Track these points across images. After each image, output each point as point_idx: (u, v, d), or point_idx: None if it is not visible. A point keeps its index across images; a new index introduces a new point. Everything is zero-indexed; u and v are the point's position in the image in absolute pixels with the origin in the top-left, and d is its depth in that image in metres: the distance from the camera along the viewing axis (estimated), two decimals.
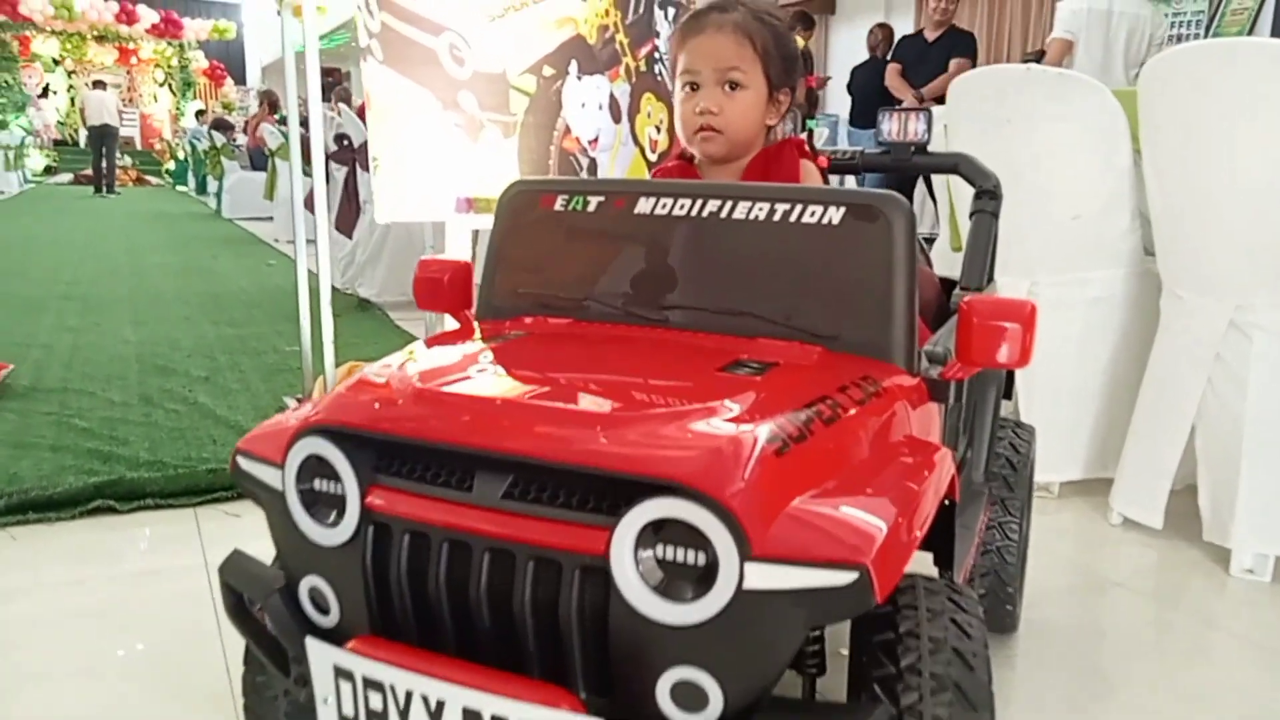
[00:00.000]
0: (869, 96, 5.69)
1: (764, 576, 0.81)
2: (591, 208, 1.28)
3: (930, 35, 5.44)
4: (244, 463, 1.05)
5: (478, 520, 0.89)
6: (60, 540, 2.16)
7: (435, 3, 2.34)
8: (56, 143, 20.14)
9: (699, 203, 1.23)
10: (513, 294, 1.33)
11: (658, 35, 2.65)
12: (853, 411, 1.00)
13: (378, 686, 0.91)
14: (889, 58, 5.75)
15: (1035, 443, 1.80)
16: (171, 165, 18.87)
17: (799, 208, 1.18)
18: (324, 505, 0.97)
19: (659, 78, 2.69)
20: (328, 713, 0.94)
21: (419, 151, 2.31)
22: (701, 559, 0.82)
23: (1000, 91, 2.54)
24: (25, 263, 6.57)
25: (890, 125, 1.79)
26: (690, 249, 1.25)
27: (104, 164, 14.45)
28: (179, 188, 17.49)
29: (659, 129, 2.67)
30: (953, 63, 5.09)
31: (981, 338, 1.13)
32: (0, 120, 17.24)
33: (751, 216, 1.20)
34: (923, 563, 1.05)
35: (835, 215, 1.17)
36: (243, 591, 1.06)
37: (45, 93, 20.24)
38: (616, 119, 2.57)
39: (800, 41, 5.85)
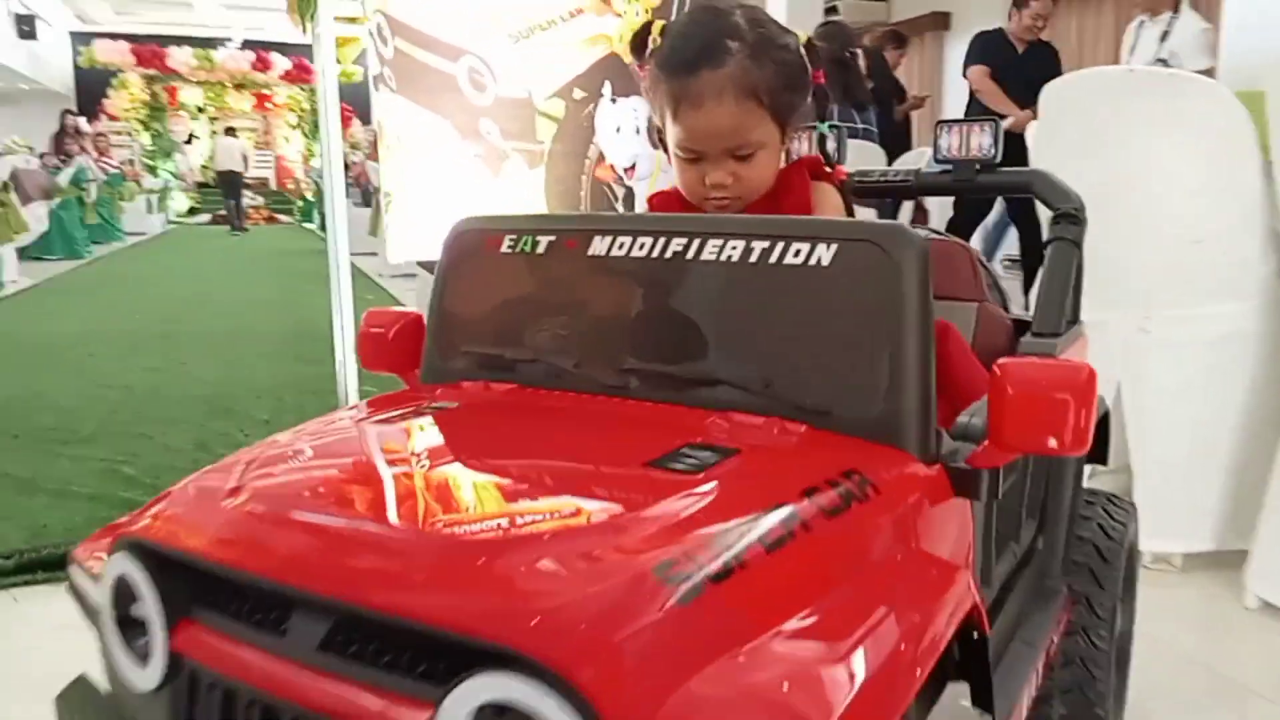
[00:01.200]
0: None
1: None
2: (541, 249, 1.05)
3: (1020, 46, 4.99)
4: (75, 575, 0.86)
5: (289, 677, 0.67)
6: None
7: (454, 25, 2.16)
8: (200, 185, 21.22)
9: (662, 241, 0.98)
10: (457, 353, 1.10)
11: None
12: (820, 526, 0.73)
13: None
14: (969, 59, 5.28)
15: (1134, 523, 1.47)
16: (300, 203, 19.64)
17: (780, 245, 0.92)
18: (138, 639, 0.77)
19: None
20: None
21: (435, 186, 2.13)
22: None
23: (1099, 97, 2.20)
24: (139, 300, 6.79)
25: (950, 140, 1.51)
26: (653, 298, 1.01)
27: (235, 204, 15.17)
28: (305, 225, 18.16)
29: None
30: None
31: (1019, 414, 0.85)
32: (151, 166, 18.34)
33: (724, 257, 0.95)
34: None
35: (825, 255, 0.91)
36: None
37: (190, 139, 21.38)
38: (655, 144, 2.34)
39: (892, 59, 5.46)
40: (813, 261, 0.91)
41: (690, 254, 0.96)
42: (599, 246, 1.01)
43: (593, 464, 0.84)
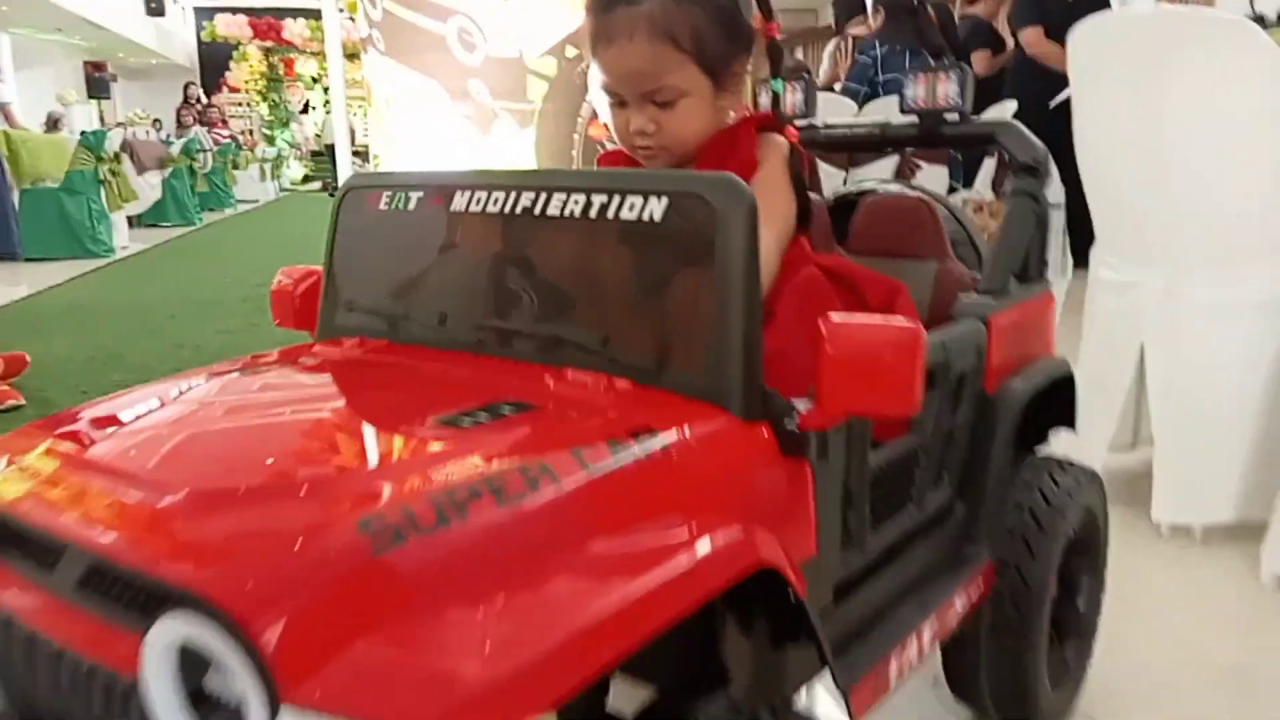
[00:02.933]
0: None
1: None
2: (412, 205, 1.06)
3: None
4: None
5: (53, 614, 0.70)
6: None
7: None
8: (314, 154, 21.91)
9: (513, 196, 0.97)
10: (342, 309, 1.12)
11: None
12: (573, 481, 0.72)
13: None
14: (1019, 19, 5.00)
15: (1092, 491, 1.39)
16: None
17: (617, 200, 0.90)
18: None
19: None
20: None
21: (424, 147, 2.15)
22: (230, 696, 0.59)
23: (1127, 40, 2.05)
24: (234, 264, 7.09)
25: (917, 90, 1.44)
26: (505, 255, 1.00)
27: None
28: None
29: None
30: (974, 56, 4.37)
31: (838, 375, 0.82)
32: (269, 136, 19.05)
33: (567, 213, 0.93)
34: None
35: (658, 209, 0.88)
36: None
37: (305, 109, 22.05)
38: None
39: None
40: (646, 216, 0.89)
41: (538, 209, 0.95)
42: (459, 202, 1.01)
43: (383, 421, 0.84)
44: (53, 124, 10.86)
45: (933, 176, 4.86)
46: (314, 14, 19.99)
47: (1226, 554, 2.00)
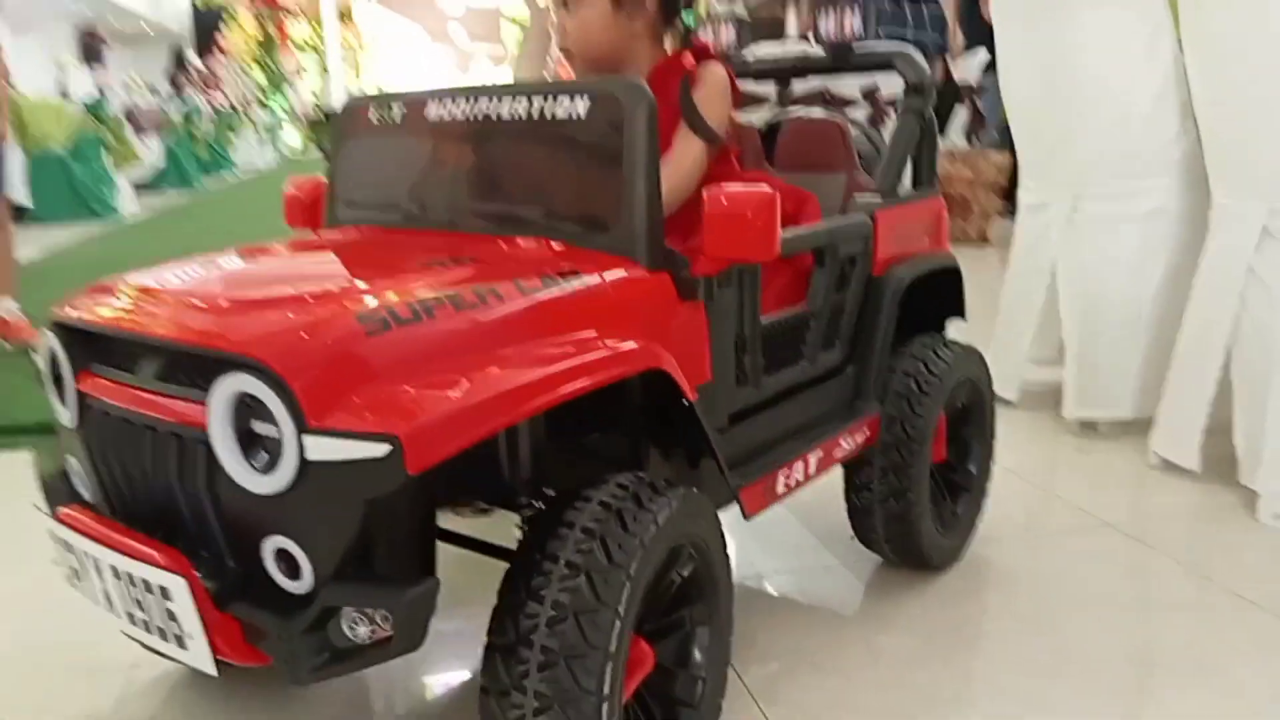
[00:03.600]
0: None
1: (323, 448, 0.83)
2: (397, 117, 1.32)
3: None
4: (31, 355, 1.18)
5: (137, 400, 0.97)
6: None
7: None
8: (312, 123, 21.90)
9: (474, 102, 1.23)
10: (345, 204, 1.38)
11: None
12: (512, 299, 0.98)
13: (68, 548, 1.01)
14: None
15: (973, 367, 1.64)
16: None
17: (551, 101, 1.16)
18: (62, 390, 1.08)
19: None
20: (62, 571, 1.06)
21: (409, 81, 2.40)
22: (275, 431, 0.86)
23: None
24: (234, 226, 7.34)
25: (827, 24, 1.70)
26: (471, 151, 1.27)
27: None
28: None
29: None
30: None
31: (714, 228, 1.08)
32: (263, 100, 19.08)
33: (514, 115, 1.19)
34: None
35: (581, 108, 1.14)
36: (40, 474, 1.19)
37: (299, 72, 22.01)
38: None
39: None
40: (573, 114, 1.15)
41: (493, 114, 1.21)
42: (434, 111, 1.27)
43: (373, 264, 1.11)
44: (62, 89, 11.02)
45: None
46: None
47: (1123, 444, 2.28)
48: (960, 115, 5.64)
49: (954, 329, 1.76)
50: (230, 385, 0.87)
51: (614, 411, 1.13)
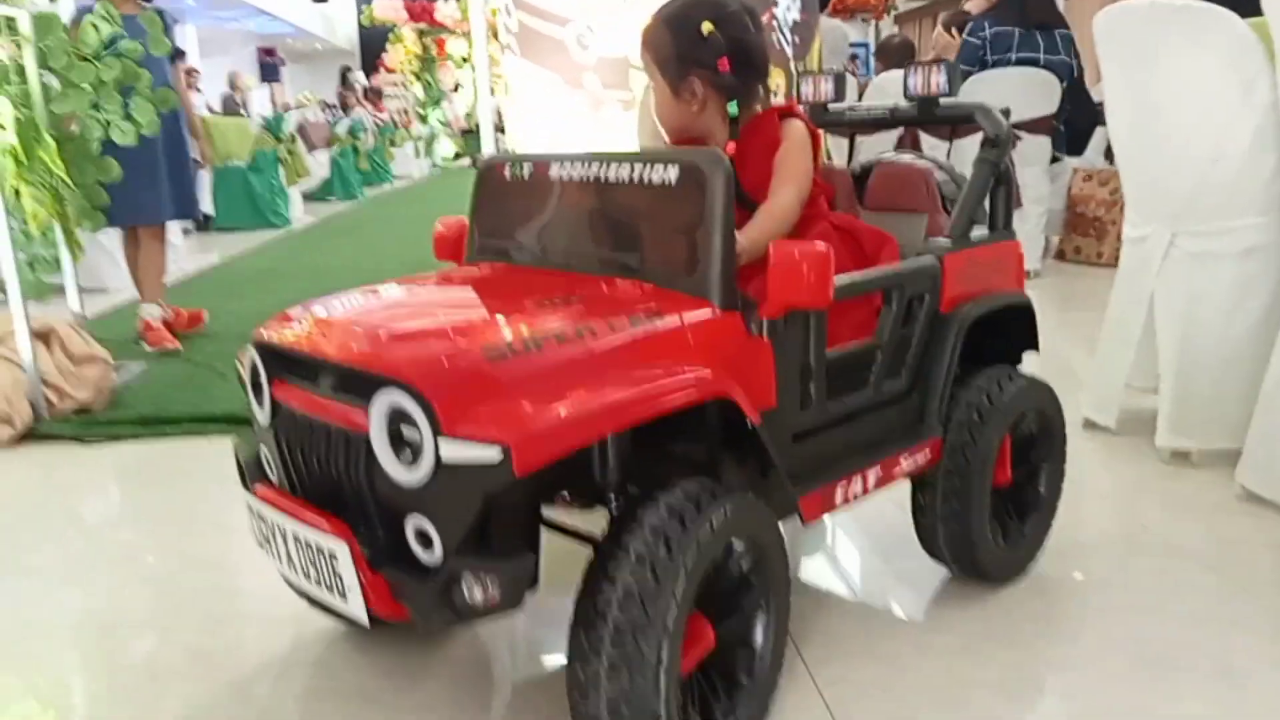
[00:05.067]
0: None
1: (453, 451, 1.09)
2: (525, 174, 1.58)
3: None
4: (237, 365, 1.49)
5: (317, 406, 1.26)
6: None
7: None
8: (464, 132, 22.92)
9: (587, 165, 1.48)
10: (481, 245, 1.65)
11: (775, 4, 2.78)
12: (604, 333, 1.22)
13: (261, 518, 1.31)
14: None
15: (1038, 398, 1.78)
16: None
17: (649, 169, 1.40)
18: (261, 395, 1.38)
19: (777, 45, 2.82)
20: (254, 536, 1.36)
21: (548, 126, 2.70)
22: (417, 436, 1.12)
23: (1129, 27, 2.39)
24: (390, 236, 7.92)
25: (915, 80, 1.85)
26: (584, 206, 1.51)
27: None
28: None
29: (775, 94, 2.81)
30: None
31: (776, 279, 1.29)
32: (422, 115, 20.12)
33: (620, 177, 1.43)
34: None
35: (672, 174, 1.37)
36: (238, 457, 1.50)
37: (456, 88, 23.06)
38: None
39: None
40: (666, 179, 1.38)
41: (603, 176, 1.45)
42: (555, 171, 1.52)
43: (500, 302, 1.37)
44: (229, 106, 12.00)
45: (1035, 146, 5.11)
46: None
47: (1214, 474, 2.34)
48: (1099, 135, 5.59)
49: (1033, 360, 1.90)
50: (385, 399, 1.13)
51: (694, 425, 1.35)
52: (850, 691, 1.51)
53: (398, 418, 1.13)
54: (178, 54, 4.13)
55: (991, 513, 1.73)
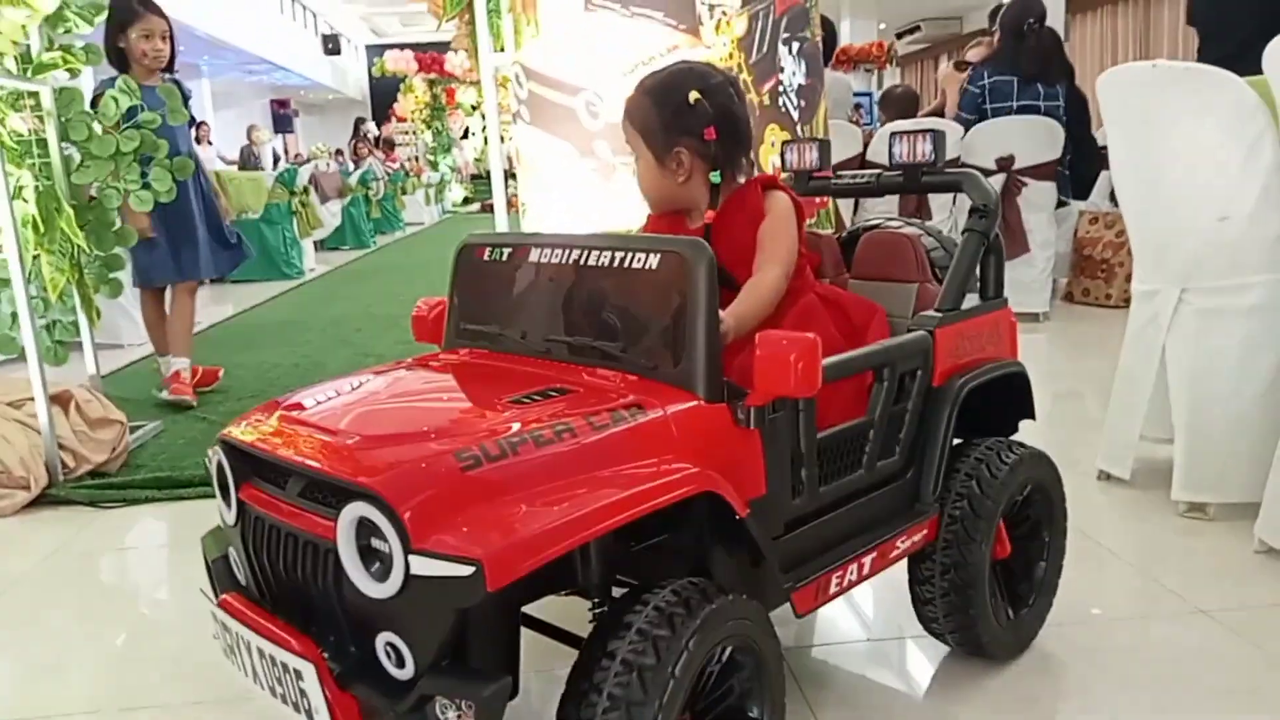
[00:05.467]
0: None
1: (423, 566, 1.04)
2: (504, 257, 1.54)
3: None
4: (206, 464, 1.45)
5: (283, 511, 1.21)
6: None
7: (573, 68, 2.69)
8: (473, 177, 23.13)
9: (567, 252, 1.44)
10: (459, 329, 1.62)
11: (781, 70, 2.77)
12: (585, 434, 1.18)
13: (226, 629, 1.26)
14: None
15: (1036, 467, 1.72)
16: None
17: (630, 255, 1.36)
18: (227, 495, 1.34)
19: (783, 109, 2.80)
20: (219, 645, 1.31)
21: (560, 194, 2.67)
22: (387, 548, 1.07)
23: (1132, 90, 2.36)
24: (402, 284, 7.95)
25: (901, 147, 1.82)
26: (564, 291, 1.47)
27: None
28: None
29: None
30: None
31: (763, 369, 1.25)
32: (432, 161, 20.34)
33: (600, 263, 1.40)
34: None
35: (654, 261, 1.33)
36: (206, 558, 1.46)
37: (465, 134, 23.30)
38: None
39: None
40: (648, 265, 1.34)
41: (583, 260, 1.42)
42: (535, 255, 1.49)
43: (477, 399, 1.33)
44: (246, 159, 12.12)
45: (1041, 191, 5.11)
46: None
47: (1231, 528, 2.28)
48: (1104, 179, 5.56)
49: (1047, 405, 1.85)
50: (354, 510, 1.09)
51: (680, 518, 1.29)
52: None
53: (367, 530, 1.09)
54: (193, 121, 4.27)
55: (991, 589, 1.67)
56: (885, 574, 1.61)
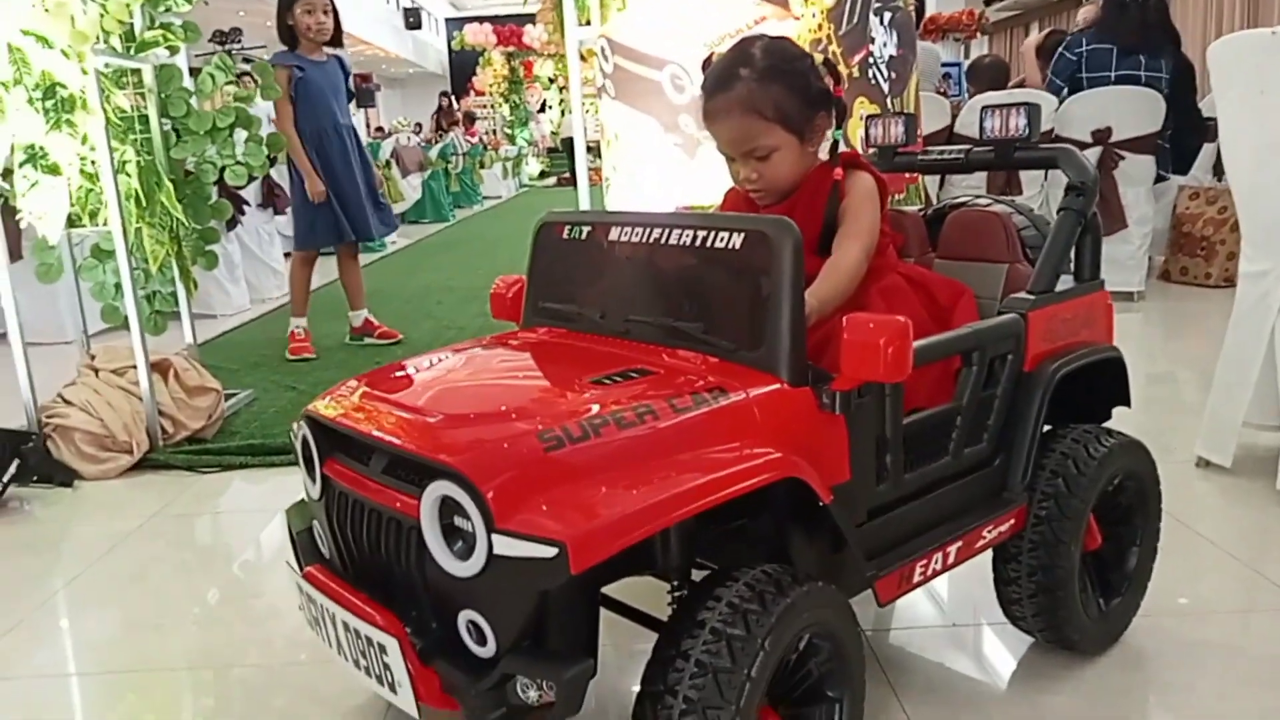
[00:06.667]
0: None
1: (506, 546, 1.04)
2: (583, 236, 1.53)
3: None
4: (291, 438, 1.47)
5: (367, 488, 1.23)
6: None
7: (659, 40, 2.65)
8: (550, 150, 23.18)
9: (648, 230, 1.42)
10: (538, 307, 1.61)
11: (872, 41, 2.69)
12: (667, 416, 1.16)
13: (311, 600, 1.28)
14: None
15: (1134, 459, 1.66)
16: None
17: (713, 234, 1.33)
18: (312, 469, 1.36)
19: (873, 81, 2.72)
20: (304, 615, 1.34)
21: (645, 169, 2.66)
22: (470, 527, 1.08)
23: (1249, 59, 2.23)
24: (481, 257, 8.03)
25: (993, 122, 1.75)
26: (644, 271, 1.45)
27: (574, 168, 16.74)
28: None
29: None
30: None
31: (851, 353, 1.21)
32: (510, 135, 20.45)
33: (682, 242, 1.37)
34: None
35: (737, 240, 1.31)
36: (291, 530, 1.49)
37: (543, 108, 23.35)
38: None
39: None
40: (731, 245, 1.31)
41: (664, 240, 1.39)
42: (614, 234, 1.47)
43: (559, 379, 1.32)
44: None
45: (1139, 165, 4.90)
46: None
47: None
48: (1206, 152, 5.31)
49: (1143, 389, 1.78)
50: (438, 488, 1.09)
51: (761, 503, 1.27)
52: None
53: (450, 508, 1.10)
54: (351, 95, 4.60)
55: (1081, 582, 1.62)
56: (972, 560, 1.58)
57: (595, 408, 1.17)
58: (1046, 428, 1.62)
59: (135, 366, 3.13)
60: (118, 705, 1.78)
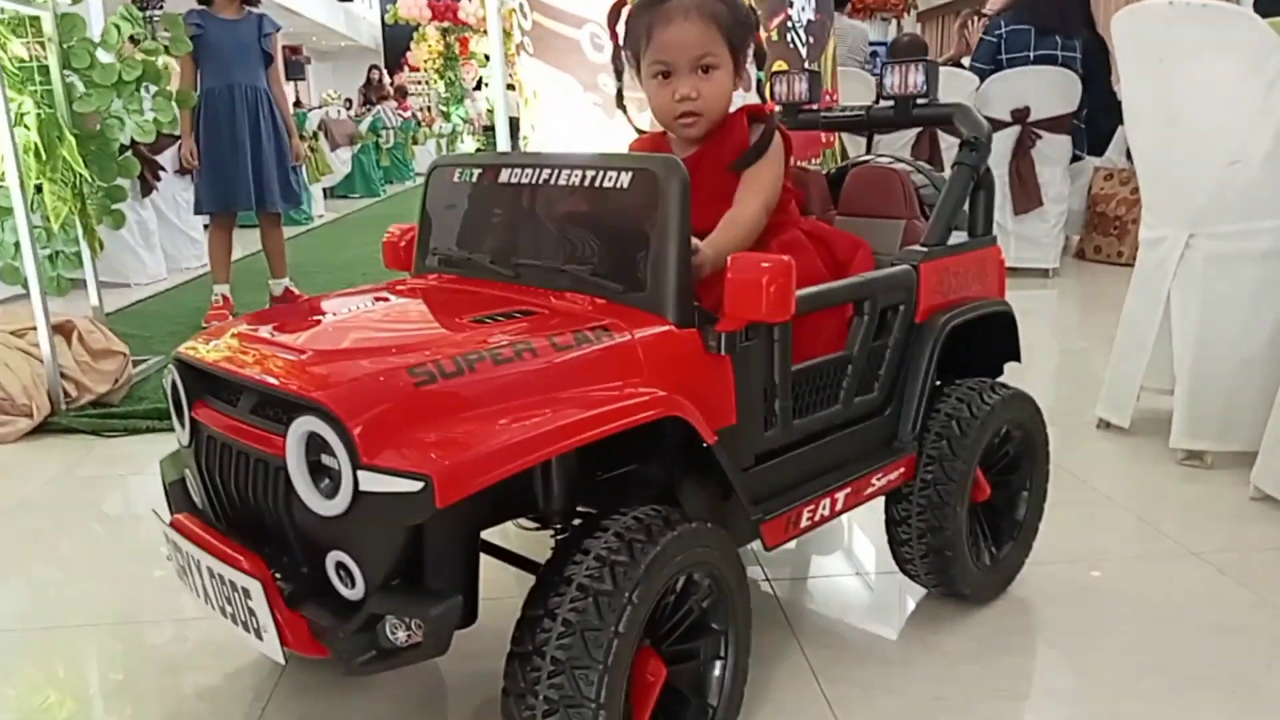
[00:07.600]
0: None
1: (372, 481, 1.01)
2: (473, 178, 1.49)
3: None
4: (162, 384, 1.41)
5: (235, 429, 1.18)
6: None
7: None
8: (485, 129, 22.82)
9: (537, 171, 1.39)
10: (429, 253, 1.57)
11: (790, 5, 2.68)
12: (546, 354, 1.14)
13: (178, 549, 1.24)
14: None
15: (1017, 409, 1.67)
16: None
17: (600, 174, 1.31)
18: (181, 414, 1.31)
19: (790, 45, 2.72)
20: (171, 566, 1.29)
21: (563, 128, 2.62)
22: (336, 464, 1.04)
23: (1148, 27, 2.27)
24: None
25: (892, 79, 1.75)
26: (533, 213, 1.42)
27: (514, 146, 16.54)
28: None
29: None
30: None
31: (733, 293, 1.20)
32: (445, 112, 20.09)
33: (570, 182, 1.35)
34: None
35: (625, 180, 1.28)
36: (164, 481, 1.43)
37: (479, 85, 22.95)
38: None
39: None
40: (619, 185, 1.29)
41: (553, 180, 1.36)
42: (504, 176, 1.44)
43: (440, 318, 1.29)
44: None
45: (1055, 145, 4.99)
46: None
47: (1229, 476, 2.25)
48: (1121, 134, 5.44)
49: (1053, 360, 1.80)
50: (303, 425, 1.06)
51: (653, 446, 1.26)
52: (855, 692, 1.47)
53: (317, 445, 1.06)
54: (269, 60, 4.36)
55: (972, 530, 1.64)
56: (876, 511, 1.59)
57: (471, 343, 1.14)
58: (938, 382, 1.63)
59: (35, 328, 3.00)
60: (21, 663, 1.70)
